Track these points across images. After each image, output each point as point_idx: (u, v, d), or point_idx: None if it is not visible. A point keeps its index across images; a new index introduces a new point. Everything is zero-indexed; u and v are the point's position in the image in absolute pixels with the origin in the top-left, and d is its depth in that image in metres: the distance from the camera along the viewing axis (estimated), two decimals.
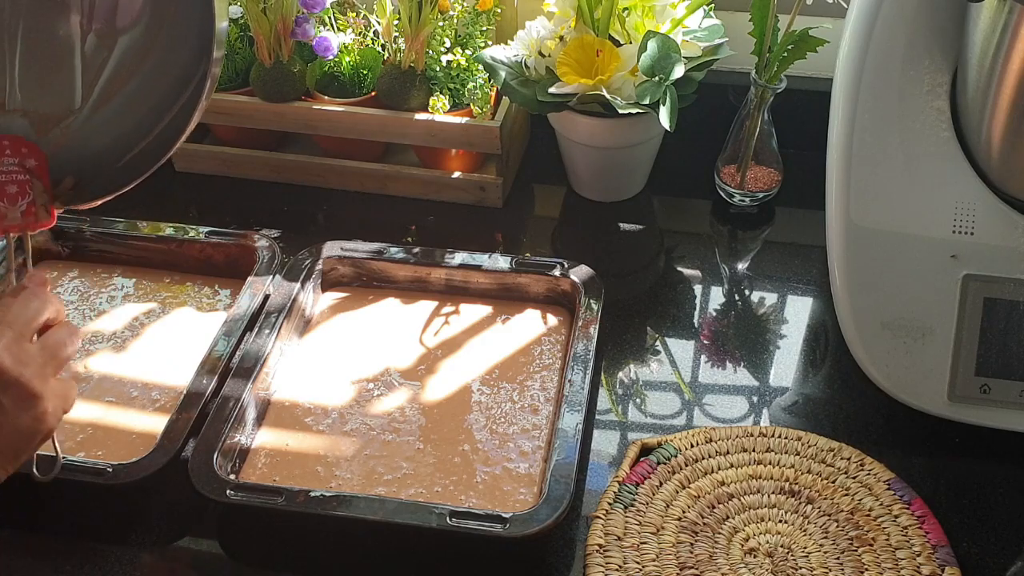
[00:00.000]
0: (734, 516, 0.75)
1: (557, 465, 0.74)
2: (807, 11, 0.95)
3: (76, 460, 0.76)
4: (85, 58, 0.65)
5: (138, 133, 0.65)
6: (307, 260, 0.92)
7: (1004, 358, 0.78)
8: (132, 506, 0.77)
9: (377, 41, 1.04)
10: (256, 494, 0.73)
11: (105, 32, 0.65)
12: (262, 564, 0.75)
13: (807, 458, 0.78)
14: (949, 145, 0.81)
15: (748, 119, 0.99)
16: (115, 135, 0.66)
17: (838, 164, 0.82)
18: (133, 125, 0.66)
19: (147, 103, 0.65)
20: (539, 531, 0.69)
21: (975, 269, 0.79)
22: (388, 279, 0.94)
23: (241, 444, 0.79)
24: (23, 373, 0.58)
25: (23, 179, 0.64)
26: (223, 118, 1.06)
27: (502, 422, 0.82)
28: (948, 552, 0.72)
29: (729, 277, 0.98)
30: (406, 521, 0.71)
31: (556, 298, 0.92)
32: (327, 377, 0.86)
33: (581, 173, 1.05)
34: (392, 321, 0.91)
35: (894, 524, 0.74)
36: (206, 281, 0.96)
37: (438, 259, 0.93)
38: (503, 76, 0.96)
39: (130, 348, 0.89)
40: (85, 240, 0.97)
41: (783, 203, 1.05)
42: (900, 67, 0.81)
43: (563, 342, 0.88)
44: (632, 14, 0.94)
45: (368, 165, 1.06)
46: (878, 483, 0.76)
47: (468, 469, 0.78)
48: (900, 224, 0.81)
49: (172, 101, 0.64)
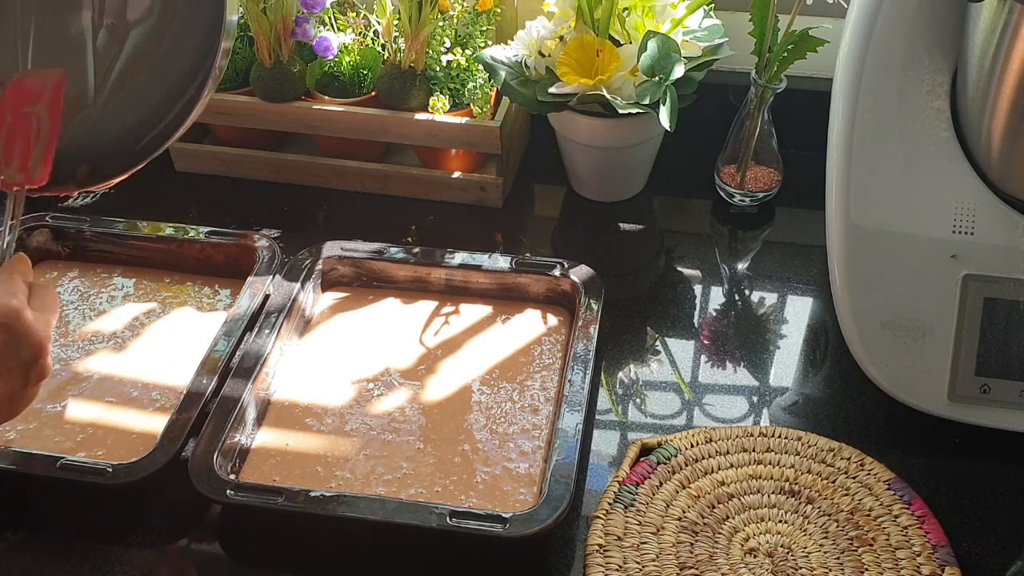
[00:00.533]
0: (734, 516, 0.75)
1: (557, 465, 0.74)
2: (807, 11, 0.95)
3: (76, 460, 0.76)
4: (97, 53, 0.66)
5: (148, 123, 0.66)
6: (307, 260, 0.92)
7: (1004, 358, 0.78)
8: (132, 506, 0.77)
9: (377, 41, 1.04)
10: (256, 494, 0.73)
11: (117, 27, 0.65)
12: (262, 564, 0.75)
13: (807, 458, 0.78)
14: (949, 145, 0.81)
15: (748, 119, 0.99)
16: (126, 124, 0.66)
17: (838, 164, 0.82)
18: (143, 115, 0.66)
19: (158, 93, 0.66)
20: (539, 531, 0.69)
21: (975, 269, 0.79)
22: (388, 279, 0.94)
23: (241, 444, 0.79)
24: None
25: (17, 127, 0.63)
26: (223, 118, 1.06)
27: (502, 422, 0.82)
28: (948, 552, 0.72)
29: (729, 277, 0.98)
30: (406, 521, 0.71)
31: (556, 298, 0.92)
32: (327, 377, 0.86)
33: (581, 173, 1.05)
34: (392, 321, 0.91)
35: (894, 524, 0.74)
36: (206, 281, 0.96)
37: (438, 259, 0.93)
38: (503, 76, 0.96)
39: (130, 348, 0.89)
40: (85, 240, 0.97)
41: (783, 203, 1.05)
42: (900, 67, 0.81)
43: (563, 342, 0.88)
44: (632, 14, 0.94)
45: (368, 165, 1.06)
46: (878, 483, 0.76)
47: (468, 469, 0.78)
48: (900, 224, 0.81)
49: (182, 90, 0.65)
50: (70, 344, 0.89)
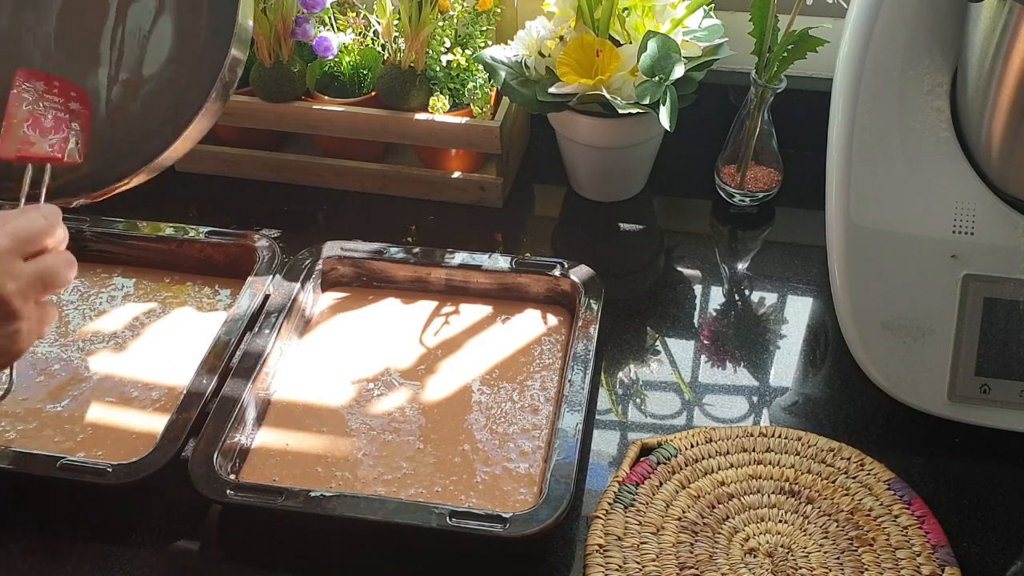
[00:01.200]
0: (734, 516, 0.75)
1: (557, 465, 0.74)
2: (807, 11, 0.96)
3: (76, 460, 0.76)
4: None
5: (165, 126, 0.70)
6: (307, 260, 0.92)
7: (1004, 358, 0.78)
8: (132, 506, 0.77)
9: (377, 41, 1.05)
10: (256, 494, 0.73)
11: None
12: (262, 564, 0.75)
13: (807, 458, 0.78)
14: (949, 145, 0.81)
15: (748, 119, 0.99)
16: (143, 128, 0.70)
17: (838, 164, 0.82)
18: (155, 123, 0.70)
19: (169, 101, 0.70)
20: (539, 531, 0.69)
21: (975, 269, 0.79)
22: (388, 279, 0.94)
23: (241, 444, 0.79)
24: (6, 287, 0.57)
25: (62, 116, 0.67)
26: (223, 118, 1.05)
27: (502, 422, 0.82)
28: (948, 552, 0.72)
29: (729, 277, 0.98)
30: (406, 521, 0.71)
31: (556, 298, 0.92)
32: (327, 377, 0.86)
33: (581, 173, 1.05)
34: (392, 321, 0.91)
35: (894, 524, 0.74)
36: (206, 281, 0.96)
37: (438, 259, 0.93)
38: (503, 76, 0.96)
39: (130, 348, 0.89)
40: (85, 240, 0.97)
41: (783, 203, 1.05)
42: (900, 67, 0.81)
43: (563, 342, 0.88)
44: (632, 14, 0.94)
45: (368, 165, 1.06)
46: (878, 483, 0.76)
47: (468, 469, 0.78)
48: (900, 224, 0.81)
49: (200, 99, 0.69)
50: (70, 344, 0.89)
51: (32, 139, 0.65)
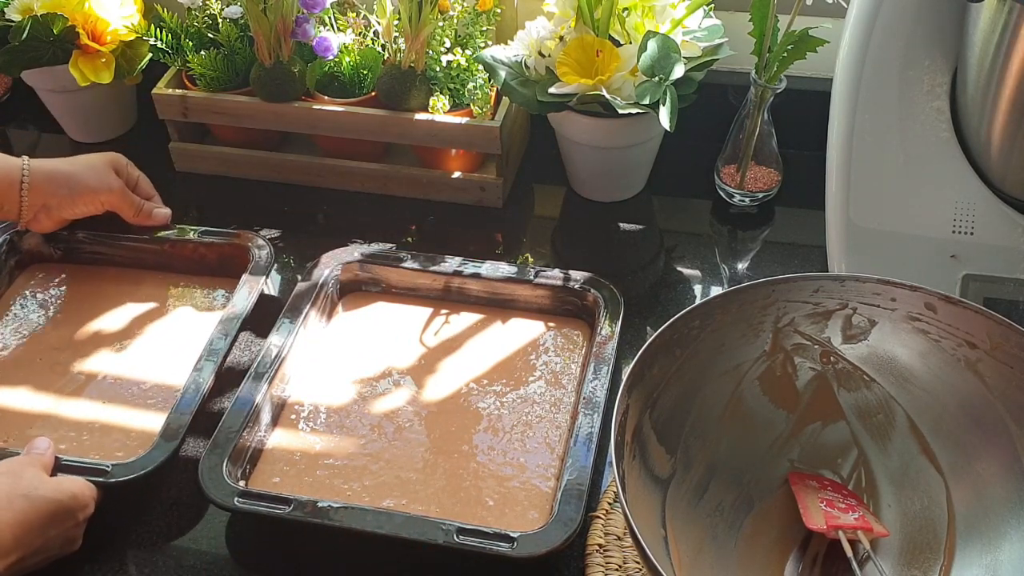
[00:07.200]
0: None
1: (568, 484, 0.72)
2: (807, 11, 0.95)
3: (76, 460, 0.75)
4: None
5: None
6: (311, 263, 0.92)
7: None
8: (132, 505, 0.77)
9: (377, 41, 1.05)
10: (264, 502, 0.72)
11: None
12: (262, 564, 0.75)
13: None
14: (949, 145, 0.81)
15: (748, 119, 0.99)
16: None
17: (838, 164, 0.82)
18: None
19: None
20: (547, 553, 0.68)
21: (975, 269, 0.79)
22: (407, 287, 0.93)
23: (251, 450, 0.78)
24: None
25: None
26: (223, 118, 1.06)
27: (517, 437, 0.80)
28: None
29: (729, 277, 0.98)
30: (413, 536, 0.70)
31: (575, 311, 0.90)
32: (337, 385, 0.85)
33: (581, 173, 1.05)
34: (406, 331, 0.90)
35: None
36: (201, 281, 0.96)
37: (456, 268, 0.91)
38: (503, 76, 0.96)
39: (128, 348, 0.89)
40: (78, 242, 0.97)
41: (783, 203, 1.05)
42: (900, 67, 0.81)
43: (582, 358, 0.87)
44: (632, 14, 0.94)
45: (368, 165, 1.06)
46: None
47: (478, 484, 0.77)
48: (900, 224, 0.81)
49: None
50: (70, 345, 0.89)
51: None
